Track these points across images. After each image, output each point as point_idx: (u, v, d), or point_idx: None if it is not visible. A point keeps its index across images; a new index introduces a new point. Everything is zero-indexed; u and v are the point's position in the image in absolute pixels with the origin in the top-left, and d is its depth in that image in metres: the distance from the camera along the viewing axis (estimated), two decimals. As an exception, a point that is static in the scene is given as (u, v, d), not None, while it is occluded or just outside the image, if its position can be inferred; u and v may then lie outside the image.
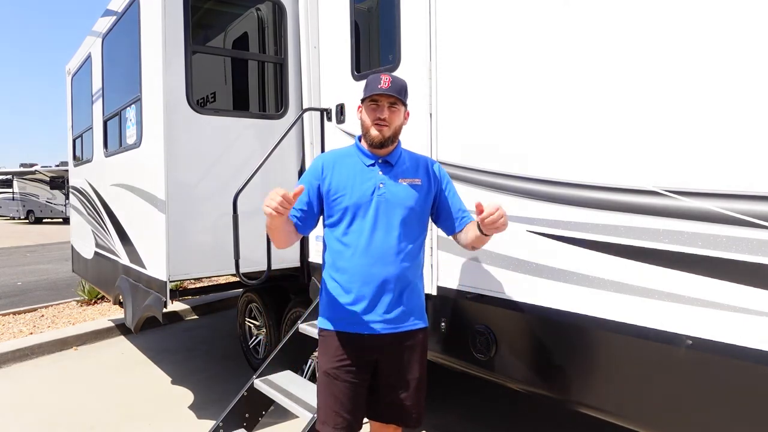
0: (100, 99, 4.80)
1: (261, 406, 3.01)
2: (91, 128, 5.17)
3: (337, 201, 2.00)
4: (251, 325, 4.59)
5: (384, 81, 1.94)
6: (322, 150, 3.58)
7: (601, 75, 2.01)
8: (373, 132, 1.98)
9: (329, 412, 1.99)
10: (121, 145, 4.31)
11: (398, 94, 1.96)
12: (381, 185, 2.00)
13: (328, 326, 2.05)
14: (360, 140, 2.09)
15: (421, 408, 2.09)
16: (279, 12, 3.81)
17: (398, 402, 2.04)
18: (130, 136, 3.99)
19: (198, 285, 5.80)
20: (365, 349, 1.99)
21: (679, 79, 1.80)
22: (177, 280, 3.63)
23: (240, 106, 4.60)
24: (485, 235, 1.94)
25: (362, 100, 2.01)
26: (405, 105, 2.03)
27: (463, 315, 2.62)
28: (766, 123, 1.61)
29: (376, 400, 2.06)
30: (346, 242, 2.00)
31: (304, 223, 2.05)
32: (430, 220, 2.17)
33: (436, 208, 2.13)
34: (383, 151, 2.03)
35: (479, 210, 1.81)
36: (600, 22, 2.01)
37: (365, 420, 2.08)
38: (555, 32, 2.16)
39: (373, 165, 2.03)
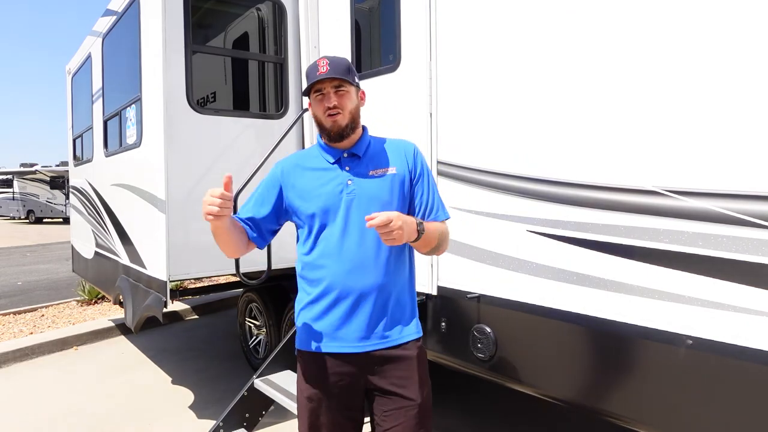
0: (100, 99, 4.80)
1: (261, 406, 3.00)
2: (91, 128, 5.17)
3: (303, 208, 1.77)
4: (251, 325, 4.59)
5: (322, 66, 1.70)
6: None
7: (601, 75, 2.01)
8: (328, 124, 1.73)
9: None
10: (121, 145, 4.31)
11: (342, 75, 1.69)
12: (349, 182, 1.74)
13: (302, 345, 1.81)
14: (321, 138, 1.83)
15: None
16: (279, 12, 3.81)
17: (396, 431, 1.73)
18: (130, 136, 3.99)
19: (198, 285, 5.81)
20: (348, 370, 1.74)
21: (680, 79, 1.80)
22: (177, 280, 3.64)
23: (240, 105, 4.60)
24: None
25: (305, 94, 1.77)
26: (355, 85, 1.76)
27: (463, 315, 2.62)
28: (766, 123, 1.61)
29: (376, 426, 1.80)
30: (317, 252, 1.76)
31: (259, 234, 1.84)
32: None
33: (409, 199, 1.82)
34: (346, 143, 1.77)
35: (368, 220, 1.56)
36: (600, 21, 2.01)
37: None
38: (555, 32, 2.16)
39: (337, 161, 1.78)
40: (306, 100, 1.93)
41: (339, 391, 1.75)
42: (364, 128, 1.84)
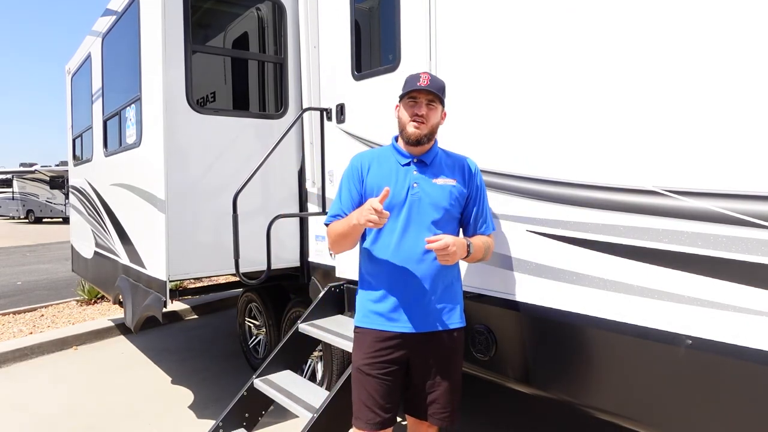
0: (100, 99, 4.80)
1: (261, 406, 3.01)
2: (91, 128, 5.17)
3: None
4: (251, 325, 4.59)
5: (423, 78, 1.96)
6: (322, 150, 3.58)
7: (601, 75, 2.01)
8: (410, 129, 1.99)
9: (361, 407, 2.03)
10: (120, 145, 4.31)
11: (437, 91, 1.97)
12: (415, 185, 2.01)
13: (361, 324, 2.09)
14: (396, 140, 2.11)
15: (455, 409, 2.09)
16: (279, 12, 3.81)
17: (430, 401, 2.06)
18: (130, 136, 3.99)
19: (198, 285, 5.79)
20: (396, 347, 2.02)
21: (680, 79, 1.79)
22: (177, 280, 3.63)
23: (240, 105, 4.60)
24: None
25: (400, 98, 2.03)
26: (443, 104, 2.04)
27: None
28: (766, 123, 1.61)
29: (411, 395, 2.10)
30: (378, 242, 2.03)
31: None
32: None
33: (463, 211, 2.13)
34: (419, 150, 2.04)
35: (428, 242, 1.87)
36: (600, 21, 2.01)
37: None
38: (555, 33, 2.16)
39: (408, 164, 2.05)
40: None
41: (385, 363, 2.01)
42: (435, 140, 2.10)
